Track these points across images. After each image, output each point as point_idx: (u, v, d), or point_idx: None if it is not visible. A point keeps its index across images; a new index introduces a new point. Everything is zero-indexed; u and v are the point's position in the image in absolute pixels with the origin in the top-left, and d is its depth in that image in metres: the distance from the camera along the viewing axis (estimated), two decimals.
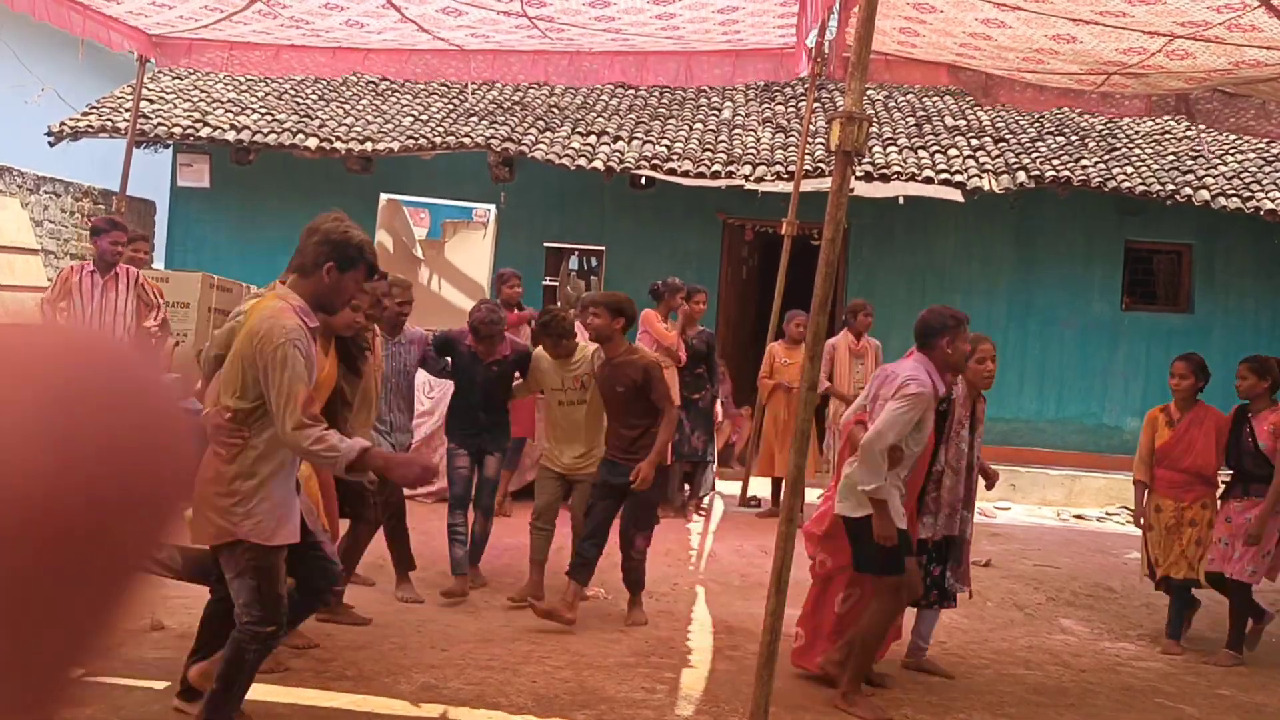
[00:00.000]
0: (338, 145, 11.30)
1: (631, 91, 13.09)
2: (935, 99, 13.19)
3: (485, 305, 5.94)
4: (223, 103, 12.28)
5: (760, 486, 9.11)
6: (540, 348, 5.75)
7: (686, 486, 8.71)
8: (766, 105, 13.03)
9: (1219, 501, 5.72)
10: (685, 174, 10.91)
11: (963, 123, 12.43)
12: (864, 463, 4.20)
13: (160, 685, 4.03)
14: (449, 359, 5.93)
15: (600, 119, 12.18)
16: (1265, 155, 11.77)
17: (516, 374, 5.90)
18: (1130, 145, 12.01)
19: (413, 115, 12.14)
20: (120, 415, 0.52)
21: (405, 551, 5.68)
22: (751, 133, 12.03)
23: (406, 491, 8.06)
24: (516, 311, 8.18)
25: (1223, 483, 5.77)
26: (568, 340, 5.58)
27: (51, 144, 11.46)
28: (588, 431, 5.64)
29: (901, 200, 10.84)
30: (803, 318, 7.13)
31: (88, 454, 0.50)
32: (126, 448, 0.52)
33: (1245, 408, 5.73)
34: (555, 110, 12.50)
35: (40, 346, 0.53)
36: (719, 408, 8.82)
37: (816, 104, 11.16)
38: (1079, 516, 10.10)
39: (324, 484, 4.48)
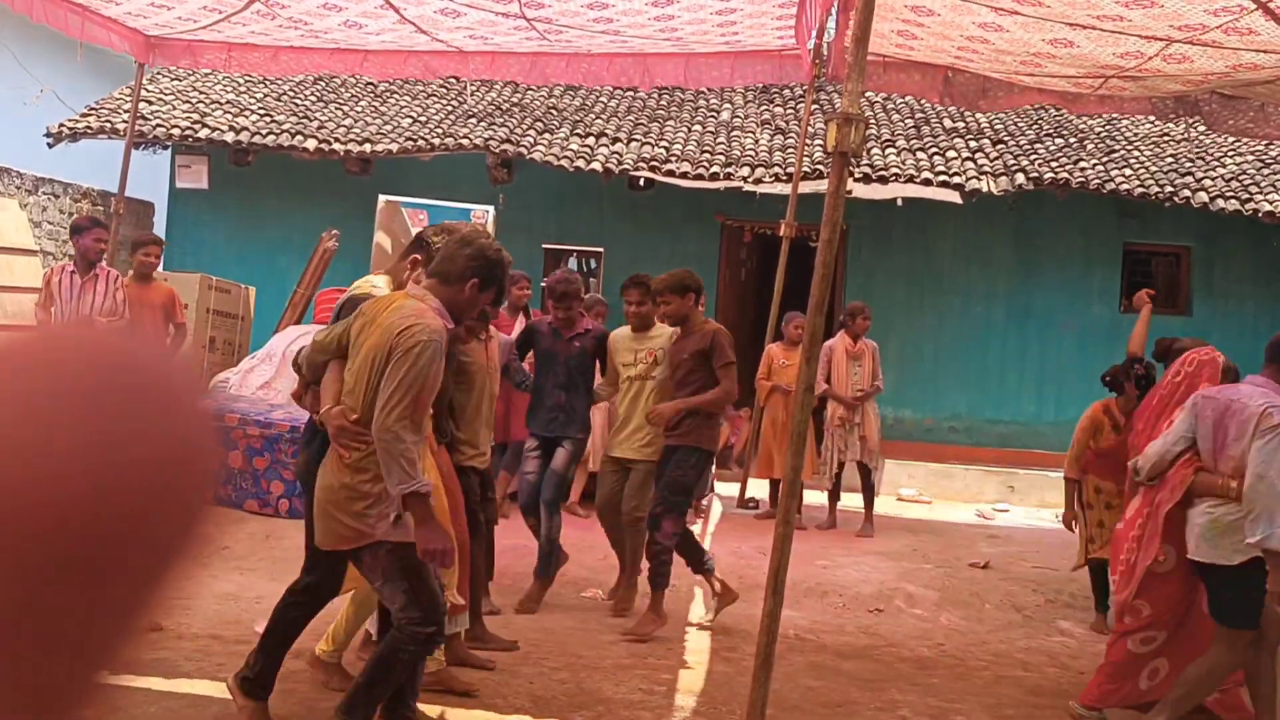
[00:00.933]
0: (336, 147, 11.30)
1: (630, 93, 13.10)
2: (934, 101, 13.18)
3: (560, 269, 6.03)
4: (221, 104, 12.29)
5: (758, 488, 9.11)
6: (616, 332, 5.78)
7: None
8: (765, 107, 13.04)
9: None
10: (684, 175, 10.91)
11: (961, 124, 12.44)
12: (1253, 511, 3.80)
13: (157, 686, 4.02)
14: (529, 371, 5.84)
15: (599, 121, 12.19)
16: (1264, 157, 11.78)
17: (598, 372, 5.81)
18: (1129, 147, 12.02)
19: (411, 117, 12.14)
20: (148, 417, 0.53)
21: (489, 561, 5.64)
22: (750, 134, 12.04)
23: None
24: (522, 316, 8.16)
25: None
26: (575, 303, 5.68)
27: (50, 145, 11.46)
28: (644, 413, 5.47)
29: (900, 202, 10.85)
30: (801, 319, 7.13)
31: (116, 457, 0.50)
32: (155, 450, 0.52)
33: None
34: (554, 112, 12.51)
35: (61, 349, 0.54)
36: None
37: (815, 106, 11.17)
38: None
39: (450, 491, 4.29)
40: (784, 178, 10.52)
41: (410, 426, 3.11)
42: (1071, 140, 12.11)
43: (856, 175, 10.53)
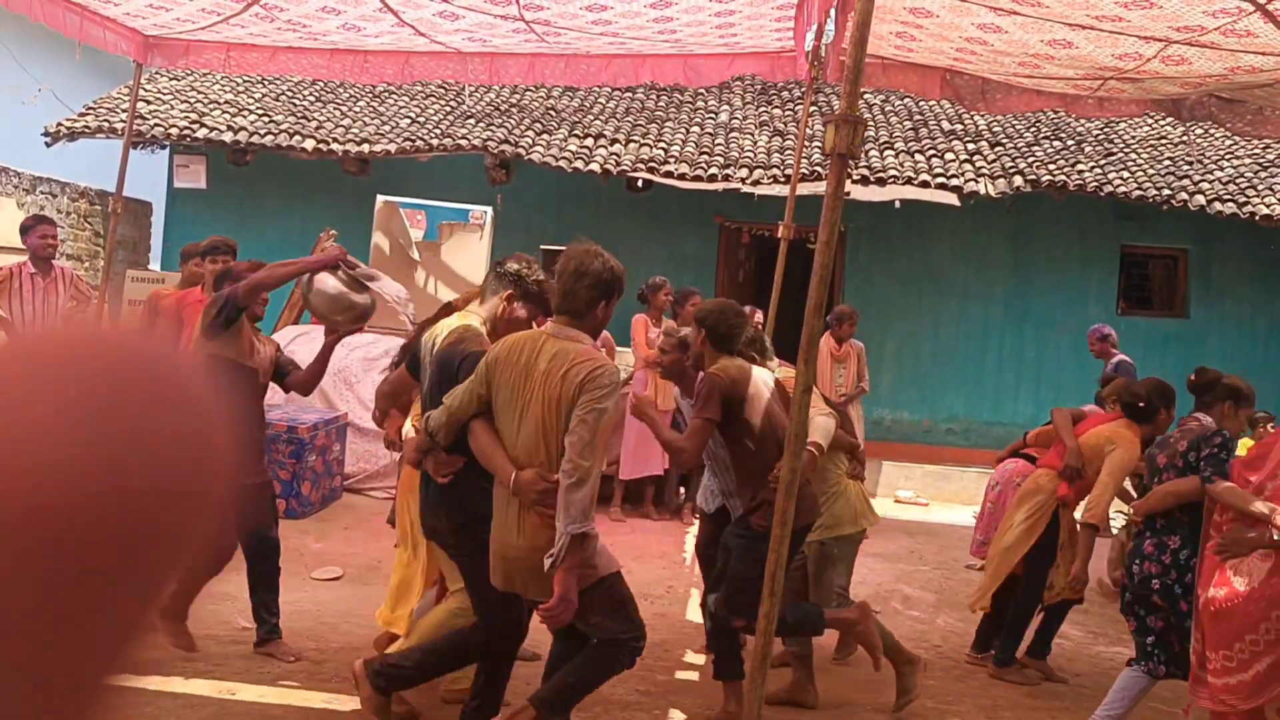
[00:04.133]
0: (335, 147, 11.30)
1: (628, 94, 13.11)
2: (931, 103, 13.21)
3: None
4: (220, 104, 12.28)
5: None
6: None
7: (682, 490, 8.73)
8: (764, 109, 13.05)
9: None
10: (682, 177, 10.91)
11: (959, 127, 12.45)
12: None
13: (152, 686, 4.02)
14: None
15: (597, 121, 12.19)
16: (1261, 160, 11.80)
17: None
18: (1126, 150, 12.03)
19: (410, 117, 12.14)
20: (160, 417, 0.53)
21: None
22: (749, 136, 12.05)
23: None
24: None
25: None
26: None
27: (48, 144, 11.45)
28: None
29: (898, 204, 10.85)
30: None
31: (129, 457, 0.50)
32: (168, 450, 0.52)
33: None
34: (552, 113, 12.51)
35: (70, 345, 0.54)
36: None
37: (813, 108, 11.16)
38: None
39: None
40: (782, 179, 10.52)
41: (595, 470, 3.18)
42: (1069, 143, 12.12)
43: (855, 177, 10.54)
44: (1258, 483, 3.78)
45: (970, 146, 11.74)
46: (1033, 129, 12.49)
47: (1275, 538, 3.61)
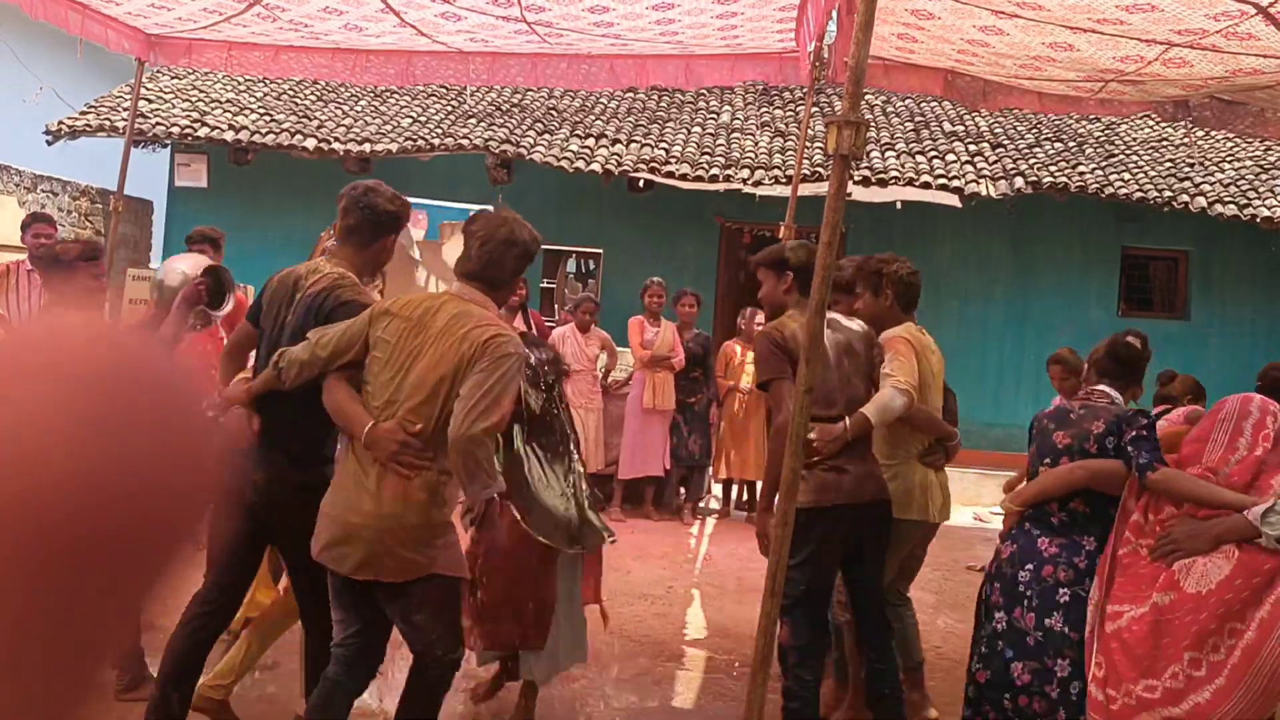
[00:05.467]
0: (336, 146, 11.30)
1: (630, 95, 13.11)
2: (933, 104, 13.22)
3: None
4: (221, 103, 12.28)
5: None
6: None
7: (683, 490, 8.73)
8: (765, 109, 13.05)
9: None
10: (683, 177, 10.91)
11: (960, 128, 12.45)
12: None
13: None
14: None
15: (599, 122, 12.20)
16: (1262, 162, 11.80)
17: None
18: (1128, 151, 12.03)
19: (411, 117, 12.14)
20: (150, 413, 0.53)
21: None
22: (750, 136, 12.05)
23: None
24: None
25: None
26: None
27: (49, 143, 11.45)
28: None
29: (899, 205, 10.86)
30: (759, 315, 6.94)
31: (114, 451, 0.51)
32: (152, 445, 0.53)
33: None
34: (554, 113, 12.51)
35: (61, 343, 0.54)
36: (715, 411, 8.82)
37: (815, 108, 11.17)
38: None
39: None
40: (783, 180, 10.53)
41: (492, 439, 2.89)
42: (1070, 144, 12.13)
43: (856, 178, 10.54)
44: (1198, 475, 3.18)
45: (972, 148, 11.74)
46: (1034, 130, 12.50)
47: (1265, 533, 2.92)
